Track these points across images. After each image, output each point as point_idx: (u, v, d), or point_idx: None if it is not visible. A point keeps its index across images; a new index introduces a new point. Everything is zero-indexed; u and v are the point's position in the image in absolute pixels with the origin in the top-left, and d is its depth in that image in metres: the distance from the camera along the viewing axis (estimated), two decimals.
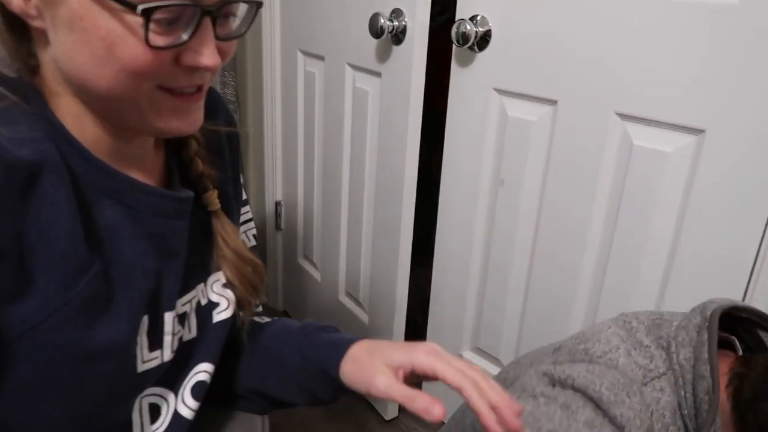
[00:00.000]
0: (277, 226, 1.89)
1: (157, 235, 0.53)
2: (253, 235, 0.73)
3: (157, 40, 0.43)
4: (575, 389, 0.60)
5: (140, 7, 0.41)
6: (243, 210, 0.70)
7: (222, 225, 0.62)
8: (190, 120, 0.50)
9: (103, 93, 0.46)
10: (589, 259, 1.05)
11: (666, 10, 0.85)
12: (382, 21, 1.17)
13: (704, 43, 0.82)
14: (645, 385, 0.61)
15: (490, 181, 1.20)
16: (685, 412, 0.62)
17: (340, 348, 0.60)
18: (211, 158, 0.61)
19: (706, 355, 0.61)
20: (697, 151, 0.86)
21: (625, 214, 0.97)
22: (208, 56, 0.45)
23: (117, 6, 0.41)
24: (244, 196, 0.71)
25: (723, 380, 0.62)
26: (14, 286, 0.42)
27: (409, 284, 1.41)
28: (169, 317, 0.55)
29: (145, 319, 0.53)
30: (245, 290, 0.63)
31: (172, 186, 0.57)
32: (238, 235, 0.63)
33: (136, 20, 0.41)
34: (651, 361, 0.64)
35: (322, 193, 1.64)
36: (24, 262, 0.43)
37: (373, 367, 0.55)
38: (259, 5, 0.51)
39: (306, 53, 1.58)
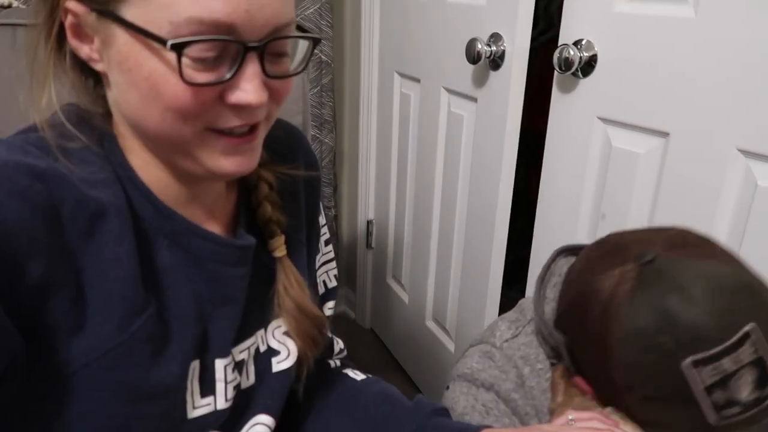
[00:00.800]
0: (368, 245, 1.90)
1: (215, 281, 0.52)
2: (335, 276, 0.71)
3: (196, 76, 0.42)
4: (460, 377, 0.71)
5: (170, 42, 0.40)
6: (325, 249, 0.69)
7: (285, 273, 0.59)
8: (242, 161, 0.48)
9: (153, 134, 0.46)
10: None
11: None
12: (480, 46, 1.14)
13: None
14: (511, 339, 0.71)
15: (590, 214, 1.12)
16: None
17: None
18: (282, 203, 0.60)
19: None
20: None
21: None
22: (251, 93, 0.43)
23: (153, 43, 0.41)
24: (327, 236, 0.69)
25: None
26: (71, 320, 0.43)
27: (501, 307, 1.35)
28: (220, 364, 0.54)
29: (196, 364, 0.52)
30: (303, 343, 0.61)
31: (237, 230, 0.56)
32: (302, 285, 0.61)
33: (175, 57, 0.41)
34: (521, 314, 0.74)
35: (414, 215, 1.62)
36: (82, 298, 0.43)
37: None
38: (317, 42, 0.49)
39: (402, 75, 1.58)
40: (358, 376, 0.69)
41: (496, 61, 1.15)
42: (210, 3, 0.40)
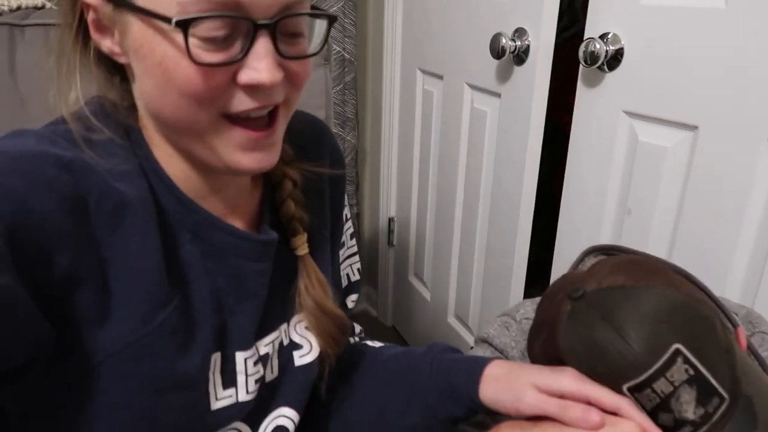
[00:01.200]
0: (390, 242, 1.90)
1: (236, 276, 0.52)
2: (358, 269, 0.71)
3: (205, 56, 0.41)
4: (481, 339, 0.79)
5: (175, 19, 0.39)
6: (350, 243, 0.69)
7: (307, 272, 0.59)
8: (262, 157, 0.47)
9: (171, 123, 0.45)
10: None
11: None
12: (504, 41, 1.14)
13: None
14: (532, 319, 0.75)
15: (615, 208, 1.11)
16: None
17: (477, 366, 0.57)
18: (306, 201, 0.59)
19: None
20: None
21: None
22: (264, 71, 0.42)
23: (163, 25, 0.40)
24: (352, 229, 0.69)
25: None
26: (97, 311, 0.43)
27: None
28: (241, 357, 0.54)
29: (217, 356, 0.52)
30: (323, 341, 0.61)
31: (260, 226, 0.56)
32: (324, 285, 0.61)
33: (182, 37, 0.40)
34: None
35: (436, 212, 1.62)
36: (107, 290, 0.43)
37: (518, 384, 0.53)
38: (332, 20, 0.47)
39: (425, 72, 1.58)
40: (376, 344, 0.70)
41: (521, 56, 1.14)
42: None
